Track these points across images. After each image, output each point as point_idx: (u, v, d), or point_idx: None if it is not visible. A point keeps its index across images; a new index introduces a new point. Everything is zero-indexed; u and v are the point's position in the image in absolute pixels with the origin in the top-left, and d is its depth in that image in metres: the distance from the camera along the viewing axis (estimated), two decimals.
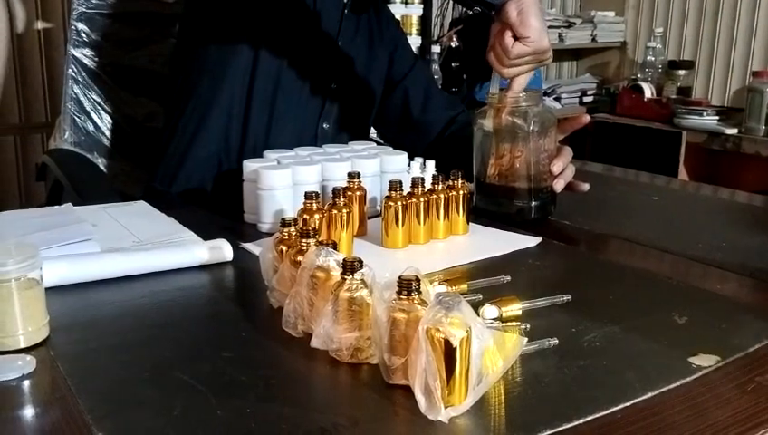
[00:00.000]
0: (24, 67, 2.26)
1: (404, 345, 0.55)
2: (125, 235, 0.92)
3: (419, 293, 0.55)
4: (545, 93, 3.23)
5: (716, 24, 3.11)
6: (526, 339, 0.56)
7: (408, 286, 0.55)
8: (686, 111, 2.91)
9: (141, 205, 1.08)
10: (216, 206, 1.10)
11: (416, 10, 2.72)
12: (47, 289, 0.67)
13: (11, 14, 2.21)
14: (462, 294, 0.72)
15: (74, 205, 1.02)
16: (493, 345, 0.54)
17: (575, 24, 3.29)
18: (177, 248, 0.85)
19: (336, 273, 0.62)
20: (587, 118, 1.11)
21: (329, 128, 1.30)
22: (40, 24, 2.25)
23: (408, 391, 0.54)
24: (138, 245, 0.88)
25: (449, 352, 0.51)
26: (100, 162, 1.50)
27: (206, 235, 0.90)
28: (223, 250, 0.85)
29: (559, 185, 1.03)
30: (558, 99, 3.30)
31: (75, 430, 0.51)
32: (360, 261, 0.61)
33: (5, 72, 2.24)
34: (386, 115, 1.42)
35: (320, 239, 0.69)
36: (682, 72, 3.12)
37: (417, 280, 0.56)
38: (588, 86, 3.42)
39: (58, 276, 0.76)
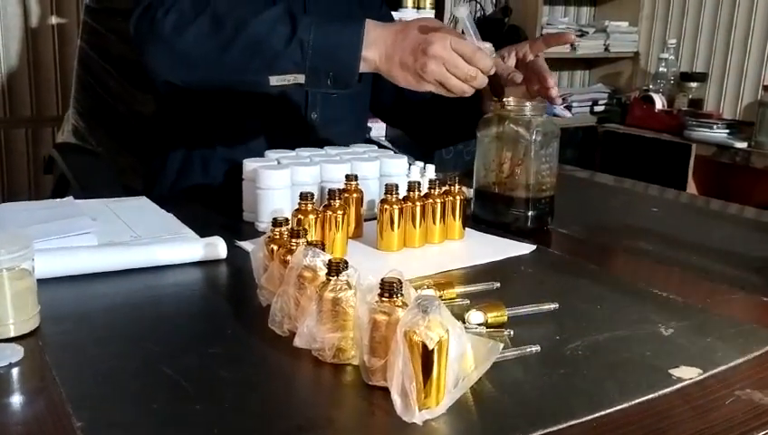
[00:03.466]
0: (37, 61, 2.28)
1: (384, 347, 0.55)
2: (123, 229, 0.93)
3: (401, 295, 0.56)
4: None
5: (730, 36, 3.09)
6: (502, 345, 0.56)
7: (389, 289, 0.56)
8: (696, 123, 2.90)
9: (143, 200, 1.09)
10: (217, 204, 1.11)
11: (428, 15, 2.74)
12: (41, 281, 0.68)
13: (25, 9, 2.23)
14: (451, 299, 0.73)
15: (79, 199, 1.03)
16: (470, 350, 0.55)
17: (588, 33, 3.29)
18: (172, 244, 0.86)
19: (323, 273, 0.63)
20: (572, 37, 1.17)
21: (317, 118, 1.27)
22: (54, 20, 2.27)
23: (386, 392, 0.54)
24: (135, 240, 0.90)
25: (426, 355, 0.52)
26: (107, 157, 1.52)
27: (205, 232, 0.90)
28: (217, 248, 0.86)
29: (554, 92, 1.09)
30: (569, 107, 3.30)
31: (56, 419, 0.52)
32: (346, 262, 0.61)
33: (19, 66, 2.26)
34: (380, 99, 1.38)
35: (309, 239, 0.70)
36: (694, 84, 3.11)
37: (399, 282, 0.56)
38: (599, 96, 3.42)
39: (53, 268, 0.77)
